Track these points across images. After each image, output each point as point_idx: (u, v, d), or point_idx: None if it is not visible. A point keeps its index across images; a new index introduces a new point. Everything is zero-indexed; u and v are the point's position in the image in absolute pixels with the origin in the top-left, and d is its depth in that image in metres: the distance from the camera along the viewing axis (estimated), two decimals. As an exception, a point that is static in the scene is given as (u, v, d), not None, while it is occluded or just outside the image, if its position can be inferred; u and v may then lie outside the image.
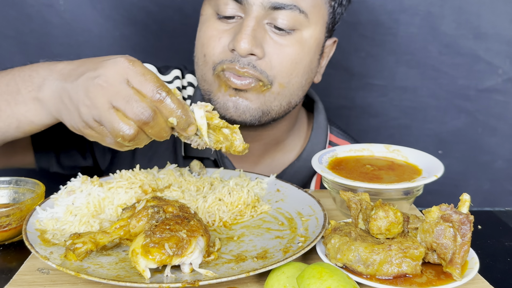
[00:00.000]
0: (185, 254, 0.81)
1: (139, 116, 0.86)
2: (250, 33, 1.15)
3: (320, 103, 1.49)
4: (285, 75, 1.21)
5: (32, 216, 0.99)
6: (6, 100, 1.04)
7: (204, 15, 1.26)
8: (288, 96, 1.25)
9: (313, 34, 1.23)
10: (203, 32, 1.24)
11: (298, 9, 1.17)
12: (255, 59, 1.18)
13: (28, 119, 1.03)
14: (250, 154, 1.40)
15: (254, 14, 1.16)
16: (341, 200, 1.09)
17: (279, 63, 1.20)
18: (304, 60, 1.23)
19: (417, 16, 1.88)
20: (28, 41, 1.82)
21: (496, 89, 1.94)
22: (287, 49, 1.20)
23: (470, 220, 0.82)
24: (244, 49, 1.15)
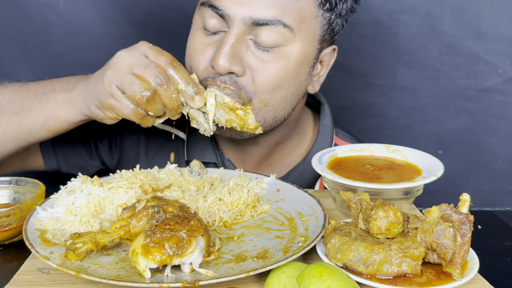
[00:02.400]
0: (185, 254, 0.81)
1: (155, 79, 1.01)
2: (228, 51, 1.12)
3: (326, 106, 1.47)
4: (267, 92, 1.18)
5: (33, 216, 0.99)
6: (39, 99, 1.16)
7: (194, 24, 1.24)
8: (272, 111, 1.22)
9: (300, 49, 1.19)
10: (190, 43, 1.23)
11: (283, 24, 1.13)
12: (235, 76, 1.15)
13: (55, 114, 1.14)
14: (251, 157, 1.41)
15: (235, 31, 1.13)
16: (341, 200, 1.09)
17: (260, 80, 1.16)
18: (289, 74, 1.19)
19: (417, 16, 1.88)
20: (28, 41, 1.82)
21: (496, 89, 1.94)
22: (270, 65, 1.16)
23: (470, 220, 0.82)
24: (222, 67, 1.12)
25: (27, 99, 1.17)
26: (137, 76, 1.02)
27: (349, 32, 1.41)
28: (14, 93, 1.19)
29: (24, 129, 1.16)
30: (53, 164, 1.41)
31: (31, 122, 1.16)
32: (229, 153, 1.41)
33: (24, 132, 1.17)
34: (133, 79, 1.01)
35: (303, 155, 1.44)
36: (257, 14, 1.11)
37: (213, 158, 1.39)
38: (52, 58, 1.86)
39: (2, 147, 1.19)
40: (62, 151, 1.41)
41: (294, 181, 1.38)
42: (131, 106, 1.04)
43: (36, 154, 1.40)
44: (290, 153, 1.44)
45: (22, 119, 1.16)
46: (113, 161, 1.47)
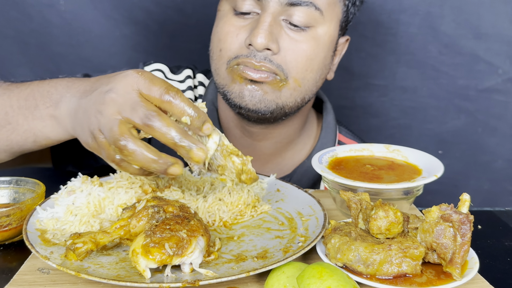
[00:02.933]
0: (185, 254, 0.81)
1: (144, 120, 0.84)
2: (266, 28, 1.17)
3: (328, 103, 1.50)
4: (300, 71, 1.23)
5: (33, 216, 0.99)
6: (24, 114, 1.06)
7: (221, 11, 1.28)
8: (303, 92, 1.27)
9: (328, 31, 1.25)
10: (220, 28, 1.26)
11: (314, 6, 1.19)
12: (270, 54, 1.20)
13: (44, 134, 1.05)
14: (261, 152, 1.42)
15: (271, 10, 1.19)
16: (341, 200, 1.09)
17: (294, 59, 1.22)
18: (319, 56, 1.25)
19: (417, 16, 1.88)
20: (28, 41, 1.82)
21: (496, 89, 1.94)
22: (302, 45, 1.22)
23: (470, 220, 0.82)
24: (260, 43, 1.16)
25: (11, 112, 1.08)
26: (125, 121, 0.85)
27: (349, 32, 1.41)
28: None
29: (14, 144, 1.09)
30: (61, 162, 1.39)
31: (20, 139, 1.08)
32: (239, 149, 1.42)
33: (15, 146, 1.10)
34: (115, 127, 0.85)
35: (308, 152, 1.46)
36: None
37: None
38: (52, 58, 1.86)
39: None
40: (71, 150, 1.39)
41: (300, 178, 1.41)
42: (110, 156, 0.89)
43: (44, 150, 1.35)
44: (298, 151, 1.46)
45: (10, 135, 1.08)
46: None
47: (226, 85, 1.26)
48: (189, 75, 1.49)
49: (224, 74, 1.26)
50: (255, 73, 1.20)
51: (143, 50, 1.87)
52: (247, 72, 1.21)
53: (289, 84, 1.23)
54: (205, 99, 1.45)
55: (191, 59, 1.58)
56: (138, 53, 1.87)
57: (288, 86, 1.23)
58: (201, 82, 1.50)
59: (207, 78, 1.51)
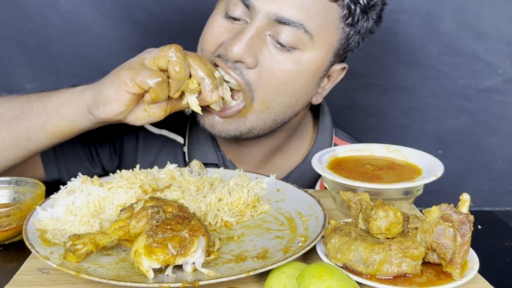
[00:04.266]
0: (188, 254, 0.81)
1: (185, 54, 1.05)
2: (245, 41, 1.12)
3: (325, 106, 1.47)
4: (270, 93, 1.18)
5: (32, 216, 0.99)
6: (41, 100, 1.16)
7: (215, 10, 1.25)
8: (273, 114, 1.22)
9: (315, 57, 1.18)
10: (206, 26, 1.24)
11: (304, 29, 1.13)
12: (244, 67, 1.15)
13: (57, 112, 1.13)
14: (251, 158, 1.41)
15: (257, 23, 1.13)
16: (341, 200, 1.09)
17: (267, 79, 1.16)
18: (297, 82, 1.19)
19: (417, 16, 1.88)
20: (28, 41, 1.83)
21: (496, 89, 1.94)
22: (281, 66, 1.16)
23: (470, 220, 0.82)
24: (235, 54, 1.12)
25: (28, 102, 1.15)
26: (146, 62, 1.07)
27: (349, 32, 1.42)
28: (14, 100, 1.17)
29: (23, 133, 1.13)
30: (54, 174, 1.39)
31: (31, 125, 1.13)
32: (230, 154, 1.41)
33: (23, 136, 1.14)
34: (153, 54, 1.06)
35: (303, 156, 1.44)
36: (282, 12, 1.12)
37: (215, 159, 1.39)
38: (52, 58, 1.86)
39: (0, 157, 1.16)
40: (63, 160, 1.39)
41: (295, 182, 1.38)
42: (149, 71, 1.04)
43: (37, 165, 1.38)
44: (291, 155, 1.44)
45: (22, 123, 1.13)
46: (113, 166, 1.47)
47: None
48: None
49: None
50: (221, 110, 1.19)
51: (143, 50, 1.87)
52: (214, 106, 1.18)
53: (254, 107, 1.19)
54: None
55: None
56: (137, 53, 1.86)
57: (253, 109, 1.19)
58: None
59: None
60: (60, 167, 1.39)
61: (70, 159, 1.40)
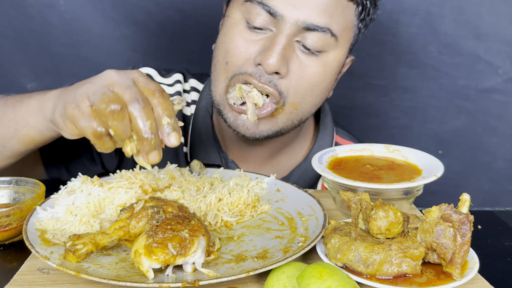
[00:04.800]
0: (188, 254, 0.81)
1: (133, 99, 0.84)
2: (279, 52, 1.12)
3: (326, 105, 1.48)
4: (300, 96, 1.20)
5: (33, 216, 0.99)
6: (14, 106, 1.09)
7: (231, 18, 1.21)
8: (300, 114, 1.25)
9: (337, 56, 1.21)
10: (229, 38, 1.20)
11: (330, 32, 1.15)
12: (277, 78, 1.16)
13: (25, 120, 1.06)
14: (256, 156, 1.41)
15: (287, 32, 1.13)
16: (341, 200, 1.09)
17: (298, 84, 1.18)
18: (324, 82, 1.22)
19: (417, 16, 1.88)
20: (28, 41, 1.83)
21: (496, 89, 1.94)
22: (310, 70, 1.18)
23: (470, 220, 0.82)
24: (272, 67, 1.12)
25: (4, 107, 1.10)
26: (115, 93, 0.86)
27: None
28: None
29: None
30: (54, 172, 1.38)
31: (4, 131, 1.08)
32: (233, 153, 1.42)
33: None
34: (107, 92, 0.86)
35: (305, 154, 1.45)
36: (311, 19, 1.13)
37: (218, 160, 1.39)
38: (52, 58, 1.86)
39: None
40: (63, 159, 1.38)
41: (297, 180, 1.40)
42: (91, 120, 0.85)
43: (36, 164, 1.37)
44: (294, 154, 1.45)
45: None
46: (113, 165, 1.46)
47: (221, 105, 1.24)
48: (178, 80, 1.44)
49: (221, 91, 1.23)
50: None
51: (143, 50, 1.87)
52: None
53: (284, 110, 1.20)
54: (200, 104, 1.42)
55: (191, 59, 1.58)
56: (137, 53, 1.87)
57: (283, 112, 1.21)
58: (194, 87, 1.47)
59: (200, 83, 1.48)
60: (60, 165, 1.38)
61: (70, 158, 1.39)
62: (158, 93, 0.87)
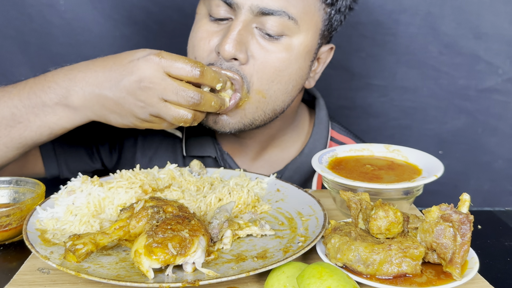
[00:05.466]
0: (188, 254, 0.81)
1: (191, 101, 1.02)
2: (235, 37, 1.14)
3: (321, 100, 1.49)
4: (265, 82, 1.19)
5: (33, 216, 0.99)
6: (33, 112, 1.10)
7: (198, 14, 1.26)
8: (271, 103, 1.23)
9: (303, 41, 1.21)
10: (195, 33, 1.24)
11: (287, 15, 1.15)
12: (238, 64, 1.17)
13: (60, 125, 1.11)
14: (248, 150, 1.42)
15: (242, 18, 1.15)
16: (341, 200, 1.09)
17: (261, 69, 1.18)
18: (290, 67, 1.21)
19: (417, 16, 1.88)
20: (28, 41, 1.82)
21: (496, 89, 1.94)
22: (272, 55, 1.18)
23: (470, 220, 0.82)
24: (228, 53, 1.14)
25: (18, 111, 1.11)
26: (171, 103, 1.03)
27: (349, 32, 1.41)
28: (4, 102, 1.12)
29: (28, 140, 1.12)
30: (54, 170, 1.39)
31: (35, 135, 1.11)
32: (227, 147, 1.43)
33: (29, 142, 1.13)
34: (170, 109, 1.03)
35: (300, 149, 1.46)
36: (264, 4, 1.14)
37: (213, 153, 1.40)
38: (52, 58, 1.86)
39: (5, 157, 1.15)
40: (63, 156, 1.39)
41: (292, 175, 1.40)
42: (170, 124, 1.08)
43: (36, 160, 1.38)
44: (288, 147, 1.45)
45: (22, 133, 1.11)
46: (112, 162, 1.47)
47: None
48: None
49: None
50: None
51: (143, 50, 1.87)
52: None
53: (250, 98, 1.20)
54: None
55: (191, 59, 1.58)
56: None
57: (250, 100, 1.20)
58: None
59: None
60: (60, 162, 1.39)
61: (70, 154, 1.40)
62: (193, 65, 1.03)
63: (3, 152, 1.13)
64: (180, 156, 1.42)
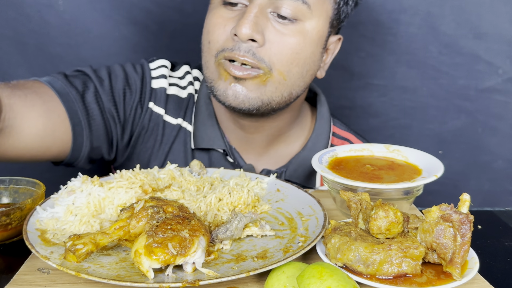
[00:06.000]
0: (188, 254, 0.81)
1: None
2: (252, 19, 1.18)
3: (322, 96, 1.52)
4: (285, 64, 1.23)
5: (33, 216, 0.99)
6: None
7: (212, 3, 1.30)
8: (289, 86, 1.27)
9: (316, 26, 1.25)
10: (209, 19, 1.27)
11: (301, 0, 1.20)
12: (255, 46, 1.20)
13: None
14: (255, 145, 1.44)
15: (258, 1, 1.19)
16: (341, 200, 1.09)
17: (279, 51, 1.22)
18: (305, 50, 1.25)
19: (417, 16, 1.88)
20: (27, 42, 1.82)
21: (496, 89, 1.94)
22: (288, 38, 1.22)
23: (470, 220, 0.82)
24: (245, 34, 1.17)
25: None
26: None
27: (349, 32, 1.41)
28: None
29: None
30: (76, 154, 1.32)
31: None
32: (233, 142, 1.44)
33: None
34: None
35: (302, 144, 1.48)
36: None
37: (222, 145, 1.41)
38: (50, 58, 1.85)
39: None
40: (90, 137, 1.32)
41: (296, 169, 1.43)
42: None
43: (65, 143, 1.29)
44: (292, 142, 1.48)
45: None
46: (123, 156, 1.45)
47: (214, 80, 1.28)
48: (187, 71, 1.50)
49: (212, 68, 1.27)
50: (238, 71, 1.21)
51: (142, 51, 1.87)
52: (231, 69, 1.21)
53: (273, 77, 1.23)
54: (201, 93, 1.46)
55: (191, 59, 1.58)
56: (137, 54, 1.86)
57: (272, 79, 1.23)
58: (196, 77, 1.51)
59: (202, 73, 1.52)
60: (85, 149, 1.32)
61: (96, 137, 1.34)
62: None
63: None
64: (189, 148, 1.43)
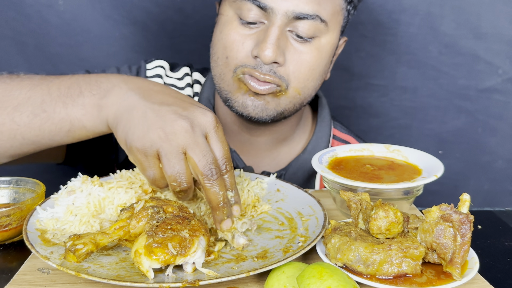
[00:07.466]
0: (188, 254, 0.81)
1: (207, 173, 0.90)
2: (274, 42, 1.18)
3: (323, 99, 1.52)
4: (302, 81, 1.25)
5: (33, 216, 0.99)
6: (63, 102, 1.02)
7: (224, 16, 1.27)
8: (302, 98, 1.29)
9: (330, 40, 1.26)
10: (226, 35, 1.25)
11: (320, 19, 1.20)
12: (276, 66, 1.21)
13: (81, 123, 1.02)
14: (258, 148, 1.44)
15: (278, 23, 1.18)
16: (341, 200, 1.09)
17: (297, 69, 1.23)
18: (320, 65, 1.27)
19: (417, 16, 1.88)
20: (26, 42, 1.82)
21: (496, 89, 1.94)
22: (306, 56, 1.23)
23: (470, 220, 0.82)
24: (269, 58, 1.17)
25: (49, 99, 1.03)
26: (188, 159, 0.90)
27: (349, 32, 1.41)
28: (34, 89, 1.06)
29: (46, 134, 1.05)
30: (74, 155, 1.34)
31: (55, 128, 1.03)
32: (234, 144, 1.44)
33: (46, 137, 1.05)
34: (179, 162, 0.89)
35: (303, 146, 1.48)
36: (299, 9, 1.18)
37: None
38: (50, 58, 1.85)
39: (19, 149, 1.09)
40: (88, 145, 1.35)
41: (295, 171, 1.42)
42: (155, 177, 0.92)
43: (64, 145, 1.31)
44: (294, 145, 1.48)
45: (43, 123, 1.04)
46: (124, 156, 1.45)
47: (230, 92, 1.28)
48: (187, 73, 1.51)
49: (229, 81, 1.26)
50: (259, 86, 1.22)
51: (142, 51, 1.87)
52: (252, 84, 1.22)
53: (288, 93, 1.25)
54: (202, 96, 1.46)
55: (191, 59, 1.58)
56: (137, 54, 1.86)
57: (287, 95, 1.25)
58: (197, 80, 1.51)
59: (203, 76, 1.53)
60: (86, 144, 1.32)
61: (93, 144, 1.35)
62: (228, 161, 0.93)
63: (19, 143, 1.06)
64: None
